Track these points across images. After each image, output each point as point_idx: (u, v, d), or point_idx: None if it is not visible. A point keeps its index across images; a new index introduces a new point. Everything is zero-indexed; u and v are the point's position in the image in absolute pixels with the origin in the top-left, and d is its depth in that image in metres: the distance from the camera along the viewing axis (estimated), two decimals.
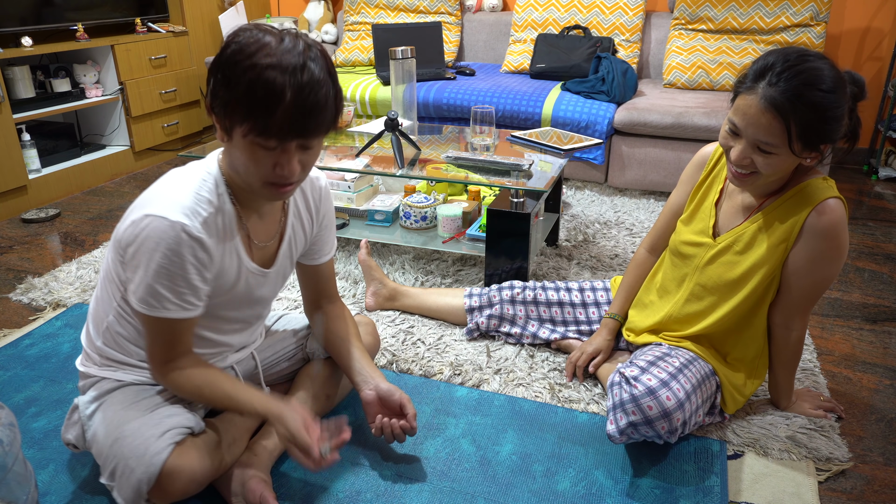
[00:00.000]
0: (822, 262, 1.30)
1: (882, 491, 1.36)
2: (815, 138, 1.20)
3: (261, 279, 1.28)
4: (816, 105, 1.16)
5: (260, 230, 1.25)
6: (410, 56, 2.52)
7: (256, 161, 1.07)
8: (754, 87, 1.20)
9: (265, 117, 1.01)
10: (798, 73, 1.17)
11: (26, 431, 1.51)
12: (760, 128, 1.20)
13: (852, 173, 3.51)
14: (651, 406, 1.29)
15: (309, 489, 1.34)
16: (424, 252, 2.41)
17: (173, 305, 1.14)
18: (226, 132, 1.07)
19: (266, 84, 1.00)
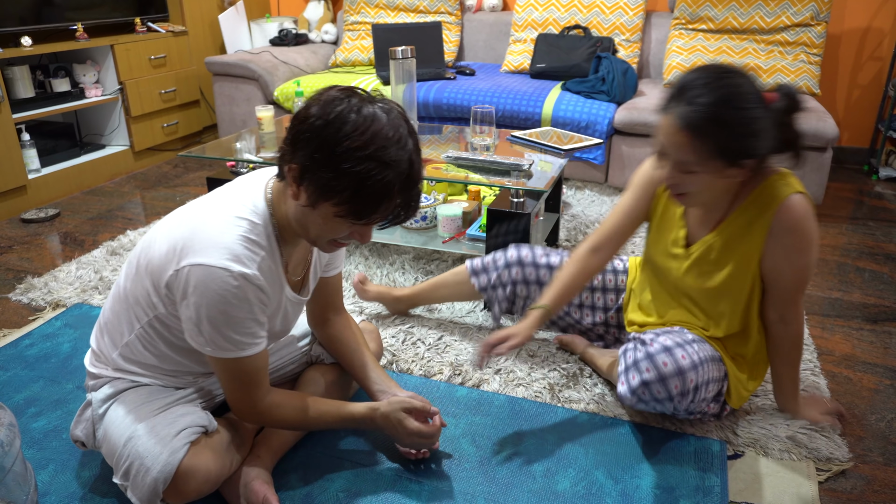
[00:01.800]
0: (797, 256, 1.30)
1: (882, 491, 1.35)
2: (733, 155, 1.20)
3: (297, 307, 1.32)
4: (728, 122, 1.17)
5: (294, 262, 1.27)
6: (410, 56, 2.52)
7: (336, 229, 1.10)
8: (671, 108, 1.21)
9: (369, 209, 1.05)
10: (710, 92, 1.17)
11: (26, 431, 1.51)
12: (678, 148, 1.21)
13: (852, 173, 3.51)
14: (666, 362, 1.31)
15: (309, 489, 1.34)
16: (424, 252, 2.41)
17: (248, 345, 1.15)
18: (310, 202, 1.07)
19: (381, 182, 1.02)
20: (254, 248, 1.12)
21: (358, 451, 1.45)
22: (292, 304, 1.29)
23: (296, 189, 1.08)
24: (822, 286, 2.22)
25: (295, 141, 1.05)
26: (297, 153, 1.05)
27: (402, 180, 1.04)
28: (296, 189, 1.08)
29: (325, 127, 1.02)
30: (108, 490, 1.34)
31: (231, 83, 3.62)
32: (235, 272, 1.07)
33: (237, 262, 1.08)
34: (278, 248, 1.18)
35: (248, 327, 1.13)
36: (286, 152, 1.08)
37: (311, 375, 1.48)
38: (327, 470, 1.39)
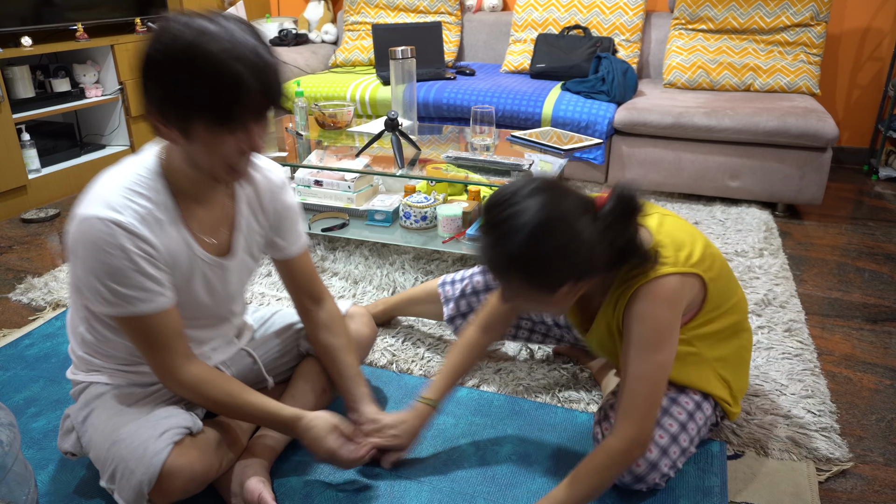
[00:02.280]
0: (644, 348, 1.18)
1: (882, 491, 1.35)
2: (546, 283, 1.10)
3: (219, 270, 1.25)
4: (529, 256, 1.07)
5: (205, 220, 1.22)
6: (410, 56, 2.52)
7: (222, 150, 1.05)
8: (483, 237, 1.12)
9: (231, 108, 1.00)
10: (495, 228, 1.09)
11: (26, 431, 1.51)
12: (495, 277, 1.15)
13: (852, 173, 3.51)
14: (639, 464, 1.26)
15: (309, 489, 1.34)
16: (424, 252, 2.41)
17: (138, 300, 1.11)
18: (182, 132, 1.03)
19: (231, 76, 0.98)
20: (133, 197, 1.09)
21: None
22: (214, 268, 1.24)
23: (167, 130, 1.04)
24: (821, 286, 2.23)
25: (143, 84, 1.02)
26: (148, 94, 1.02)
27: (250, 65, 0.99)
28: (167, 130, 1.04)
29: (155, 52, 0.99)
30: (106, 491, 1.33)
31: None
32: (104, 218, 1.06)
33: (109, 209, 1.07)
34: (173, 202, 1.15)
35: (134, 279, 1.09)
36: (144, 103, 1.04)
37: (306, 368, 1.46)
38: (327, 470, 1.39)
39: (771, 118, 2.73)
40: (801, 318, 1.98)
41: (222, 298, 1.30)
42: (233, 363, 1.41)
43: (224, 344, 1.40)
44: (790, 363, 1.76)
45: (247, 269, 1.33)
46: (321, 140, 2.49)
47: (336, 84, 3.39)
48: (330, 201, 2.45)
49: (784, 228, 2.74)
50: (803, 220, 2.83)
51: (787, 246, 2.56)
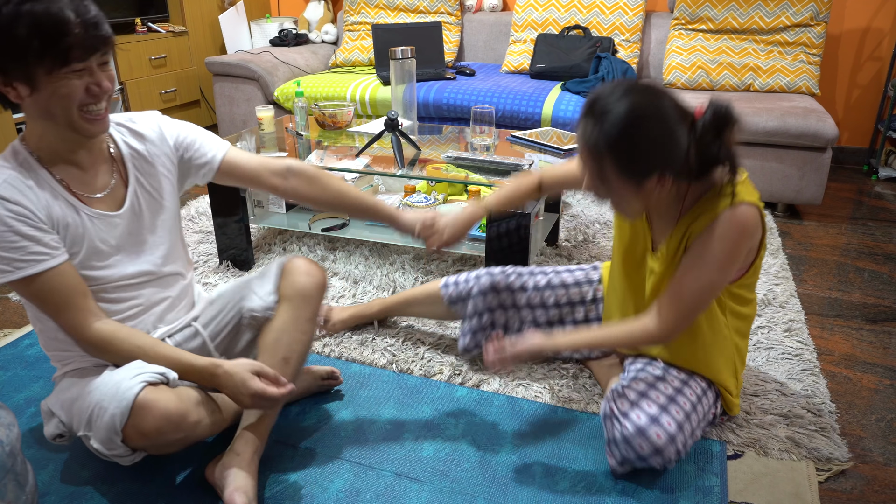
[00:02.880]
0: (706, 263, 1.25)
1: (882, 491, 1.36)
2: (634, 171, 1.18)
3: (116, 220, 1.26)
4: (624, 137, 1.15)
5: (87, 180, 1.24)
6: (410, 56, 2.52)
7: (70, 93, 1.10)
8: (580, 122, 1.21)
9: (62, 45, 1.05)
10: (608, 108, 1.16)
11: (26, 431, 1.51)
12: (583, 158, 1.23)
13: (852, 173, 3.52)
14: (642, 445, 1.28)
15: (308, 489, 1.34)
16: (424, 252, 2.41)
17: (24, 262, 1.13)
18: (28, 84, 1.08)
19: (50, 15, 1.04)
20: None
21: (358, 451, 1.45)
22: (104, 219, 1.25)
23: (12, 90, 1.10)
24: (822, 286, 2.23)
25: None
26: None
27: (68, 3, 1.07)
28: (12, 90, 1.10)
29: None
30: (107, 490, 1.34)
31: (231, 83, 3.62)
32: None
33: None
34: (41, 166, 1.18)
35: (14, 242, 1.12)
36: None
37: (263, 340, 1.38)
38: (328, 470, 1.39)
39: (771, 118, 2.73)
40: (800, 318, 1.98)
41: (132, 251, 1.29)
42: (184, 341, 1.39)
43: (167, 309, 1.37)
44: (790, 363, 1.76)
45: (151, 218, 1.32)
46: (321, 140, 2.49)
47: (336, 84, 3.39)
48: None
49: (784, 228, 2.74)
50: (803, 220, 2.84)
51: (787, 246, 2.56)
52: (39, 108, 1.12)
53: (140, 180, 1.31)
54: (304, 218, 2.43)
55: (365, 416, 1.56)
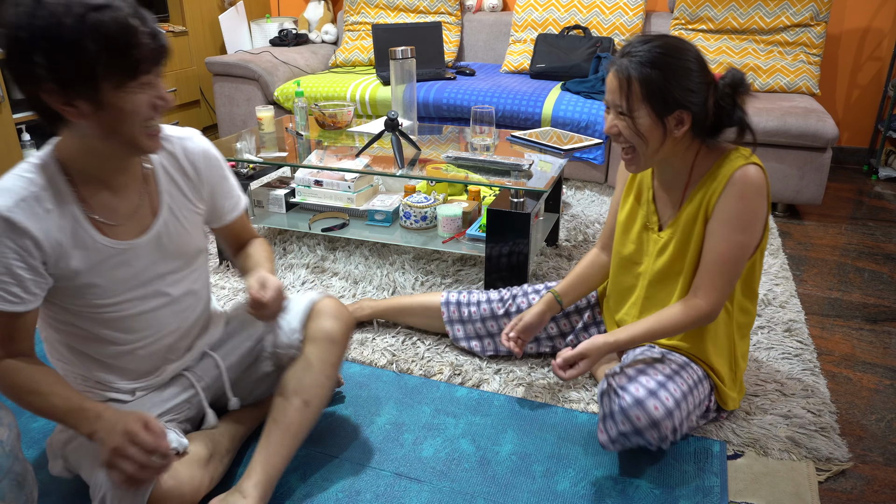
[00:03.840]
0: (733, 229, 1.30)
1: (882, 491, 1.36)
2: (660, 98, 1.26)
3: (138, 249, 1.19)
4: (655, 63, 1.25)
5: (114, 207, 1.16)
6: (410, 56, 2.52)
7: (136, 109, 1.04)
8: (613, 62, 1.31)
9: (131, 57, 0.99)
10: (646, 43, 1.27)
11: (26, 431, 1.51)
12: (612, 91, 1.30)
13: (852, 173, 3.51)
14: (639, 417, 1.28)
15: (308, 489, 1.34)
16: (424, 252, 2.41)
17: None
18: (92, 101, 1.00)
19: (118, 26, 0.97)
20: (20, 183, 1.06)
21: (358, 451, 1.45)
22: (118, 251, 1.16)
23: (73, 109, 1.01)
24: (821, 286, 2.23)
25: (24, 71, 0.98)
26: (35, 76, 0.98)
27: (131, 13, 1.00)
28: (73, 109, 1.01)
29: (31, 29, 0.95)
30: None
31: (231, 83, 3.62)
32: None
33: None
34: (67, 184, 1.10)
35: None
36: (29, 89, 1.00)
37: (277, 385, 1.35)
38: (327, 470, 1.39)
39: (771, 118, 2.73)
40: (800, 318, 1.98)
41: (146, 284, 1.22)
42: (203, 373, 1.35)
43: (182, 336, 1.31)
44: (790, 363, 1.76)
45: (174, 249, 1.25)
46: (321, 140, 2.49)
47: (336, 84, 3.39)
48: (330, 201, 2.45)
49: (784, 228, 2.74)
50: (803, 220, 2.83)
51: (787, 246, 2.56)
52: (100, 126, 1.04)
53: (171, 207, 1.24)
54: (304, 218, 2.43)
55: (365, 416, 1.56)
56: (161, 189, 1.23)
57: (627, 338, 1.38)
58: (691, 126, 1.29)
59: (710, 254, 1.33)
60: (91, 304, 1.16)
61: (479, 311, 1.75)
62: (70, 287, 1.14)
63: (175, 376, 1.33)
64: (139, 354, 1.25)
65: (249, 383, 1.42)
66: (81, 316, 1.17)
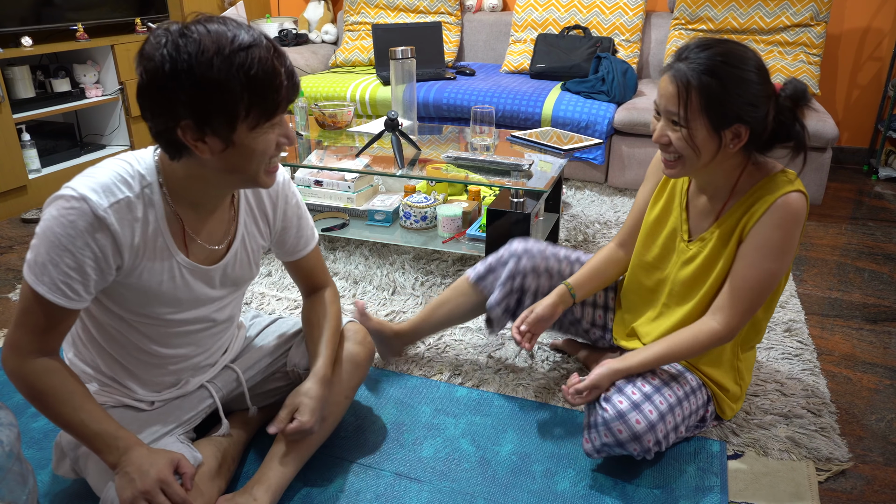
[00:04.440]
0: (768, 258, 1.26)
1: (882, 491, 1.36)
2: (719, 111, 1.18)
3: (201, 277, 1.19)
4: (716, 73, 1.17)
5: (203, 231, 1.17)
6: (410, 56, 2.52)
7: (266, 149, 1.03)
8: (670, 66, 1.23)
9: (272, 99, 0.99)
10: (706, 49, 1.19)
11: (26, 431, 1.51)
12: (667, 98, 1.22)
13: (852, 173, 3.51)
14: (621, 430, 1.28)
15: (308, 489, 1.34)
16: (424, 252, 2.41)
17: (52, 285, 1.02)
18: (225, 140, 1.00)
19: (263, 67, 0.96)
20: (117, 183, 1.04)
21: (358, 451, 1.45)
22: (191, 272, 1.17)
23: (202, 144, 0.99)
24: (822, 286, 2.23)
25: (163, 105, 0.97)
26: (175, 110, 0.96)
27: (273, 52, 0.99)
28: (202, 144, 0.99)
29: (176, 64, 0.94)
30: None
31: None
32: (79, 193, 1.00)
33: (88, 188, 1.01)
34: (161, 199, 1.09)
35: (66, 265, 1.02)
36: (164, 122, 0.98)
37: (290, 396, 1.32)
38: (327, 470, 1.39)
39: None
40: (801, 318, 1.98)
41: (199, 306, 1.22)
42: (218, 382, 1.36)
43: (202, 360, 1.32)
44: (790, 363, 1.76)
45: (234, 279, 1.26)
46: (321, 140, 2.49)
47: (336, 84, 3.39)
48: (330, 201, 2.45)
49: None
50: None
51: None
52: (226, 163, 1.03)
53: (245, 238, 1.24)
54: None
55: (365, 416, 1.56)
56: (240, 219, 1.23)
57: (639, 363, 1.34)
58: (748, 141, 1.23)
59: (738, 278, 1.29)
60: (145, 314, 1.16)
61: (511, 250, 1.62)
62: (131, 295, 1.13)
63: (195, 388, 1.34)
64: (169, 369, 1.26)
65: (261, 393, 1.44)
66: (127, 323, 1.17)
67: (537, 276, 1.60)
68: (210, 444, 1.29)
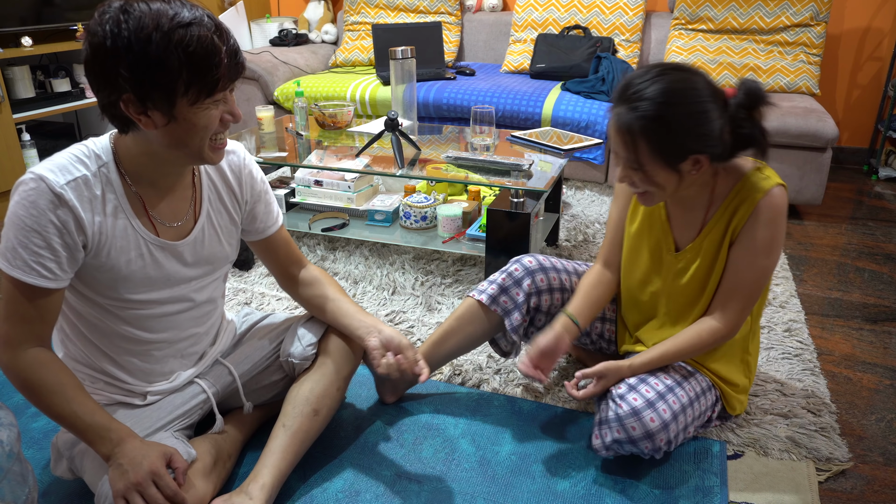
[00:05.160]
0: (761, 256, 1.27)
1: (882, 491, 1.36)
2: (670, 151, 1.18)
3: (170, 253, 1.20)
4: (659, 117, 1.15)
5: (165, 209, 1.18)
6: (410, 56, 2.52)
7: (208, 124, 1.06)
8: (614, 107, 1.21)
9: (211, 76, 1.01)
10: (648, 86, 1.16)
11: (26, 431, 1.51)
12: (616, 144, 1.22)
13: (852, 173, 3.51)
14: (634, 427, 1.28)
15: (308, 489, 1.34)
16: (424, 252, 2.41)
17: (26, 266, 1.05)
18: (166, 114, 1.02)
19: (202, 45, 0.99)
20: (73, 162, 1.08)
21: (358, 451, 1.45)
22: (159, 249, 1.18)
23: (146, 118, 1.02)
24: (822, 286, 2.23)
25: (104, 77, 1.00)
26: (116, 85, 0.99)
27: (214, 31, 1.01)
28: (146, 118, 1.02)
29: (116, 41, 0.97)
30: None
31: None
32: (36, 174, 1.04)
33: (45, 169, 1.05)
34: (119, 178, 1.12)
35: (36, 246, 1.04)
36: (107, 96, 1.01)
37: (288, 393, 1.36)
38: (328, 470, 1.39)
39: (771, 118, 2.73)
40: (801, 318, 1.98)
41: (173, 285, 1.23)
42: (210, 379, 1.35)
43: (184, 346, 1.31)
44: (790, 363, 1.76)
45: (207, 257, 1.26)
46: (321, 140, 2.49)
47: (336, 84, 3.39)
48: (330, 201, 2.45)
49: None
50: (803, 220, 2.83)
51: (787, 246, 2.56)
52: (170, 136, 1.05)
53: (210, 214, 1.26)
54: (304, 218, 2.43)
55: (365, 416, 1.56)
56: (203, 196, 1.25)
57: (643, 363, 1.36)
58: (710, 159, 1.22)
59: (733, 279, 1.31)
60: (120, 297, 1.18)
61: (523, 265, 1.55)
62: (103, 277, 1.14)
63: (187, 383, 1.33)
64: (154, 355, 1.26)
65: (256, 389, 1.43)
66: (105, 309, 1.18)
67: (551, 292, 1.55)
68: (205, 442, 1.29)
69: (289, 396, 1.35)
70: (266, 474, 1.25)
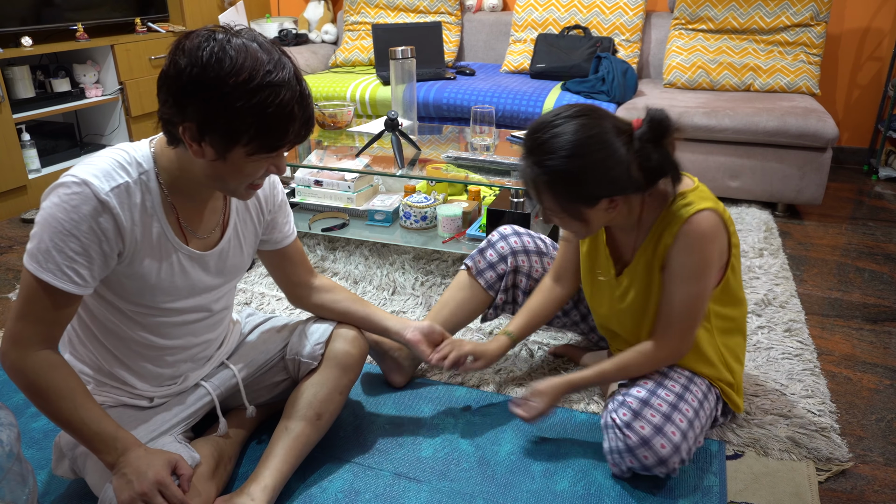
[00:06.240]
0: (687, 277, 1.26)
1: (882, 491, 1.35)
2: (578, 201, 1.21)
3: (197, 263, 1.20)
4: (561, 174, 1.18)
5: (196, 220, 1.19)
6: (410, 56, 2.52)
7: (254, 173, 1.07)
8: (523, 159, 1.23)
9: (279, 136, 1.01)
10: (546, 143, 1.18)
11: (26, 431, 1.51)
12: (535, 197, 1.25)
13: (852, 173, 3.51)
14: (647, 456, 1.27)
15: (308, 489, 1.34)
16: (424, 252, 2.41)
17: (58, 271, 1.02)
18: (219, 153, 1.02)
19: (282, 109, 0.99)
20: (116, 169, 1.06)
21: (358, 451, 1.45)
22: (188, 259, 1.18)
23: (197, 147, 1.02)
24: (822, 286, 2.22)
25: (177, 99, 0.99)
26: (185, 110, 0.99)
27: (298, 97, 1.01)
28: (197, 147, 1.02)
29: (204, 73, 0.96)
30: None
31: None
32: (80, 178, 1.02)
33: (89, 173, 1.03)
34: (158, 188, 1.11)
35: (71, 249, 1.02)
36: (171, 115, 1.01)
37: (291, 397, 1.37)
38: (327, 470, 1.39)
39: (771, 118, 2.73)
40: (801, 318, 1.98)
41: (195, 294, 1.23)
42: (214, 381, 1.35)
43: (196, 353, 1.32)
44: (790, 363, 1.76)
45: (230, 269, 1.28)
46: (321, 140, 2.49)
47: (336, 84, 3.39)
48: (330, 201, 2.45)
49: (784, 228, 2.74)
50: (803, 220, 2.83)
51: (787, 246, 2.56)
52: (213, 171, 1.06)
53: (237, 226, 1.27)
54: (303, 218, 2.43)
55: (364, 416, 1.56)
56: (231, 208, 1.26)
57: (582, 378, 1.38)
58: (623, 197, 1.23)
59: (666, 306, 1.30)
60: (144, 304, 1.17)
61: (500, 232, 1.68)
62: (132, 284, 1.14)
63: (193, 385, 1.34)
64: (167, 360, 1.26)
65: (258, 390, 1.44)
66: (125, 315, 1.18)
67: (527, 254, 1.65)
68: (207, 444, 1.29)
69: (292, 399, 1.36)
70: (268, 476, 1.25)
